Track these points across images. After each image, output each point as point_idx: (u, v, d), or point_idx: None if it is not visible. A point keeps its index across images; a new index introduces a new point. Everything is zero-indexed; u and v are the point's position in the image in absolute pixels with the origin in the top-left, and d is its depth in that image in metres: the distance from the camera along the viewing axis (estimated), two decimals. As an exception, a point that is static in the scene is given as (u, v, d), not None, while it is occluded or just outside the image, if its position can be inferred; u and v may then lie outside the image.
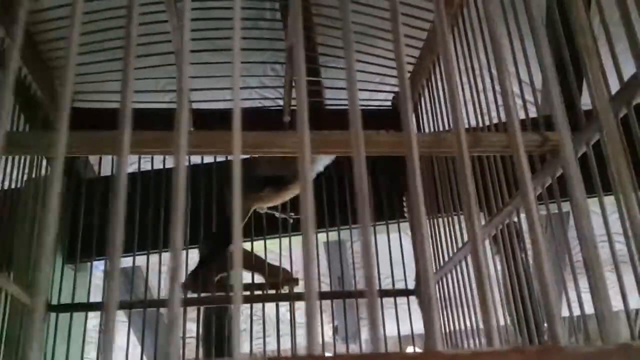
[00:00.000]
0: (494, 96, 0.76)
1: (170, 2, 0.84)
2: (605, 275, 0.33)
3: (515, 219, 0.69)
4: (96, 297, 1.09)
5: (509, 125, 0.31)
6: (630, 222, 0.41)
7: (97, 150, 0.50)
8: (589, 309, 0.54)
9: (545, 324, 0.70)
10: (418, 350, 1.07)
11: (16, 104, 0.95)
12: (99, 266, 1.20)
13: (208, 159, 1.18)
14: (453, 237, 0.90)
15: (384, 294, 1.07)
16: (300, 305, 1.08)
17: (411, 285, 1.11)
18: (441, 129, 0.97)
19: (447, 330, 0.94)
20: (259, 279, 1.09)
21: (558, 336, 0.24)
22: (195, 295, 1.04)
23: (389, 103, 1.23)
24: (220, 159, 1.16)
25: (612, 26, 0.54)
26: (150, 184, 1.12)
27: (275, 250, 1.12)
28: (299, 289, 1.09)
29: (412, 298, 1.11)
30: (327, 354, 1.13)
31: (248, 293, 1.05)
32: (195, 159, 1.14)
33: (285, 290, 1.06)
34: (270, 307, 1.06)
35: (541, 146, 0.35)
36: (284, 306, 1.07)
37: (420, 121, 1.06)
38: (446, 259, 0.92)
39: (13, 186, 0.95)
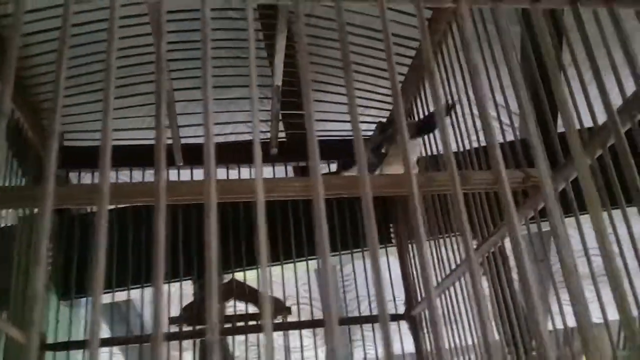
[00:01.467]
0: (472, 120, 0.81)
1: (160, 45, 0.88)
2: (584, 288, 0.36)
3: (500, 245, 0.74)
4: (88, 332, 1.09)
5: (493, 163, 0.35)
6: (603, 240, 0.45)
7: (85, 202, 0.52)
8: (572, 322, 0.58)
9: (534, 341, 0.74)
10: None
11: (9, 148, 0.97)
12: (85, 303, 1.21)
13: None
14: (441, 263, 0.93)
15: (374, 319, 1.10)
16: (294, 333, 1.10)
17: (400, 308, 1.14)
18: (423, 153, 1.01)
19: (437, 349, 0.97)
20: (253, 308, 1.11)
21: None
22: (190, 327, 1.06)
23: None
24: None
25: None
26: (143, 217, 1.14)
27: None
28: (292, 317, 1.11)
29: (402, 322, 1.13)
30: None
31: (242, 323, 1.06)
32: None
33: (278, 319, 1.08)
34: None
35: (524, 182, 0.39)
36: (279, 335, 1.09)
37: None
38: (435, 284, 0.95)
39: (3, 224, 0.96)
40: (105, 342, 1.06)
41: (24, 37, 0.94)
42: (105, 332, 1.43)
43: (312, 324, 1.12)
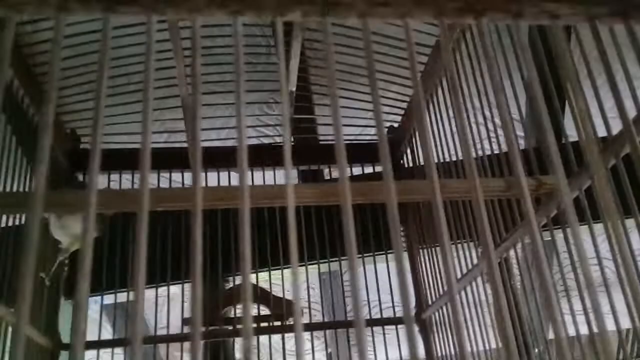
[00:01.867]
0: (485, 128, 0.82)
1: (178, 48, 0.89)
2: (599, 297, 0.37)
3: (512, 253, 0.75)
4: (92, 332, 1.10)
5: (513, 165, 0.36)
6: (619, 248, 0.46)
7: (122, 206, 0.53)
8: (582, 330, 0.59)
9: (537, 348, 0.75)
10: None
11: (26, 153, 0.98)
12: (91, 302, 1.22)
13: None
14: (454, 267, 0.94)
15: (386, 322, 1.11)
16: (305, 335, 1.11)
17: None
18: (435, 161, 1.02)
19: (449, 354, 0.98)
20: (264, 311, 1.12)
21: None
22: (202, 329, 1.07)
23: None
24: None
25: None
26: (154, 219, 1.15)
27: (279, 282, 1.16)
28: (304, 320, 1.12)
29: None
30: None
31: (255, 325, 1.08)
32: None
33: (290, 321, 1.09)
34: (275, 338, 1.09)
35: (537, 190, 0.40)
36: (290, 337, 1.10)
37: (415, 154, 1.11)
38: (446, 288, 0.96)
39: (17, 222, 0.96)
40: (111, 343, 1.08)
41: (46, 44, 0.95)
42: (109, 333, 1.45)
43: (323, 326, 1.14)
